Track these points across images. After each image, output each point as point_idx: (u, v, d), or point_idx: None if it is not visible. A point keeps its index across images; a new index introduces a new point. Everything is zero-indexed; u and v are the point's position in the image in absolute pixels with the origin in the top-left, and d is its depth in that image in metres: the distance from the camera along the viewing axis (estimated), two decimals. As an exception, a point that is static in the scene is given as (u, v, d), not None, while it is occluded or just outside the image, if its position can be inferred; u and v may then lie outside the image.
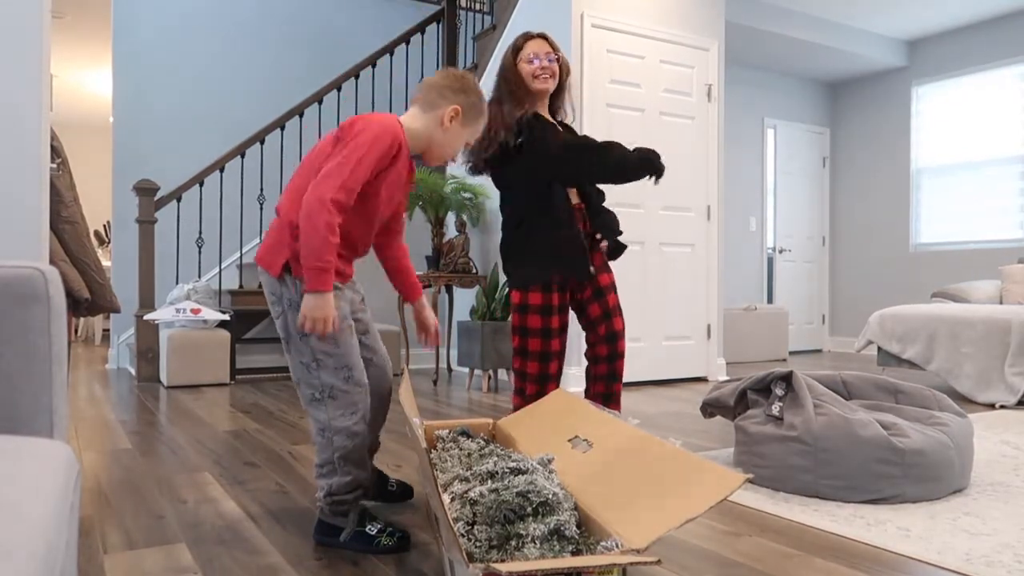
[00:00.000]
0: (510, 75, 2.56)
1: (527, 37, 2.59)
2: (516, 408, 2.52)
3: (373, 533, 1.80)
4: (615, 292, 2.62)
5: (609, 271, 2.62)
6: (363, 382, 1.82)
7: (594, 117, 4.69)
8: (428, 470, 1.35)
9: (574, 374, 4.46)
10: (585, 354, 2.65)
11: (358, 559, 1.73)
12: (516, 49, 2.57)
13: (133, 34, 5.81)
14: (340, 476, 1.81)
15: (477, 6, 6.97)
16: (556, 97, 2.63)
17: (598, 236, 2.59)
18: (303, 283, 1.72)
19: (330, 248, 1.66)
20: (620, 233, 2.64)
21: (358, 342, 1.89)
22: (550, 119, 2.58)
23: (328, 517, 1.83)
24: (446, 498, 1.55)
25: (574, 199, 2.57)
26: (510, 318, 2.64)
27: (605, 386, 2.59)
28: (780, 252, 7.47)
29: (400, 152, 1.79)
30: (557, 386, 2.50)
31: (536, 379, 2.50)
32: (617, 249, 2.63)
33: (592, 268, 2.54)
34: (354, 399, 1.80)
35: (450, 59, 6.18)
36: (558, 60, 2.56)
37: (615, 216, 2.67)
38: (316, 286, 1.68)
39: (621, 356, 2.59)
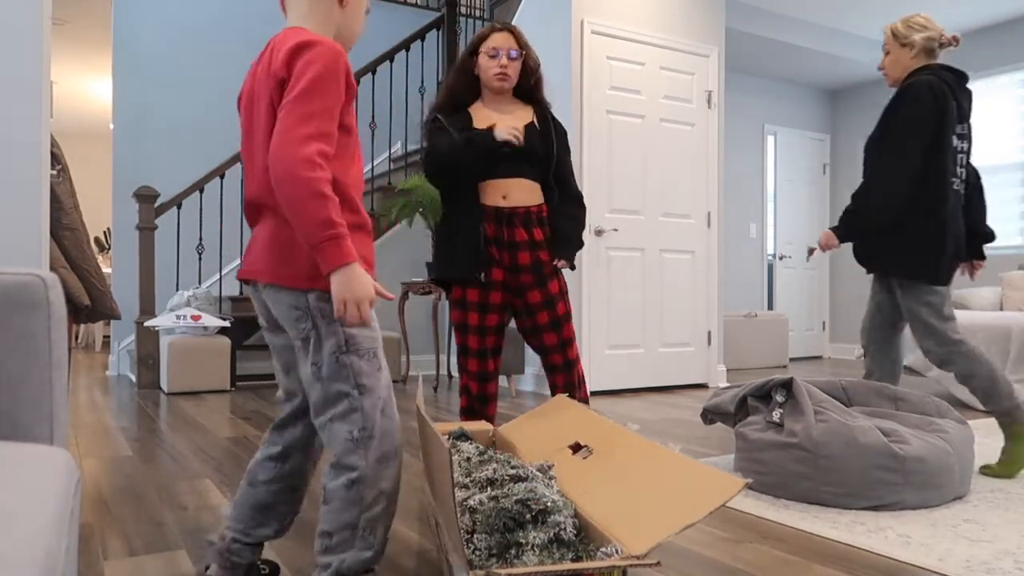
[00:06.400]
0: (464, 64, 2.52)
1: (493, 28, 2.51)
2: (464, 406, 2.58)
3: None
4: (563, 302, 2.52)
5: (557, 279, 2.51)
6: (397, 419, 1.42)
7: (594, 123, 4.70)
8: (448, 474, 1.34)
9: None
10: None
11: (358, 566, 1.73)
12: (480, 39, 2.50)
13: (134, 41, 5.83)
14: (360, 549, 1.34)
15: (477, 13, 6.99)
16: (536, 89, 2.57)
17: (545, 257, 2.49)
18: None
19: (334, 207, 1.28)
20: (571, 247, 2.50)
21: None
22: (489, 112, 2.50)
23: None
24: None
25: (500, 201, 2.46)
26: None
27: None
28: (780, 259, 7.47)
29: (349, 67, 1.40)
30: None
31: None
32: (560, 248, 2.50)
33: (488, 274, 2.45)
34: (395, 441, 1.39)
35: (450, 66, 6.19)
36: (525, 56, 2.50)
37: (571, 226, 2.52)
38: (340, 259, 1.28)
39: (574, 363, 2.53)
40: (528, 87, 2.56)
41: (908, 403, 2.56)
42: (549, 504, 1.44)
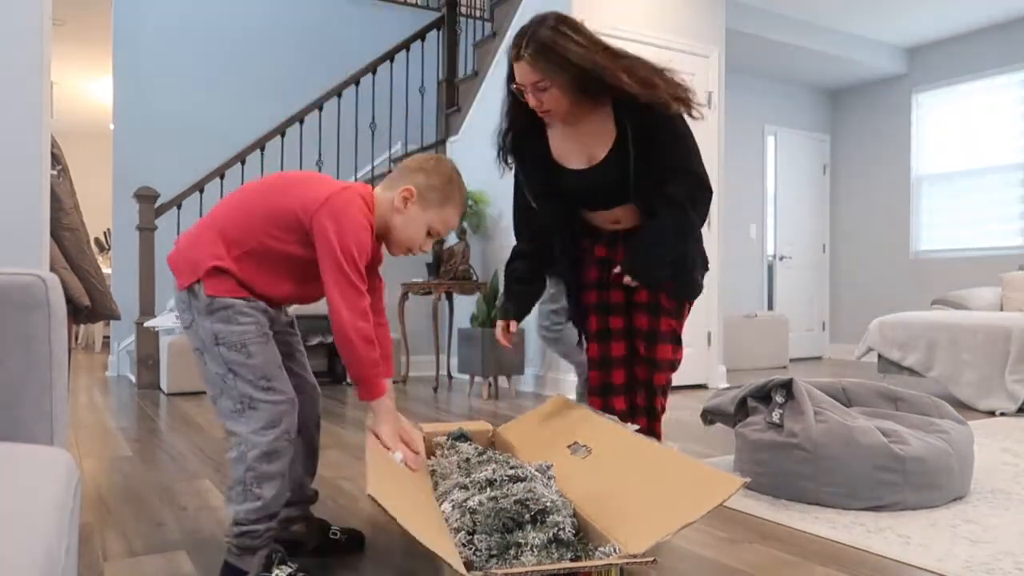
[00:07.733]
0: (510, 91, 2.16)
1: (512, 56, 2.08)
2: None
3: None
4: (659, 315, 2.30)
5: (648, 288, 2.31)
6: (287, 394, 1.61)
7: (594, 124, 4.69)
8: (425, 498, 1.35)
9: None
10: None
11: (357, 564, 1.73)
12: (510, 65, 2.10)
13: (134, 41, 5.83)
14: (249, 500, 1.54)
15: (477, 13, 6.99)
16: (604, 80, 2.05)
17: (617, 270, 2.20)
18: (204, 293, 1.57)
19: (376, 349, 1.62)
20: (636, 258, 2.18)
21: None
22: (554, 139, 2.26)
23: (233, 557, 1.55)
24: (447, 506, 1.55)
25: (613, 225, 2.32)
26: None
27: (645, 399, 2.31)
28: (780, 259, 7.47)
29: (373, 231, 1.68)
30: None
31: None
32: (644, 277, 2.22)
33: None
34: (275, 412, 1.58)
35: (450, 66, 6.19)
36: (560, 72, 2.00)
37: (644, 235, 2.22)
38: (378, 393, 1.65)
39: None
40: (587, 92, 2.09)
41: (908, 403, 2.56)
42: (548, 504, 1.44)
